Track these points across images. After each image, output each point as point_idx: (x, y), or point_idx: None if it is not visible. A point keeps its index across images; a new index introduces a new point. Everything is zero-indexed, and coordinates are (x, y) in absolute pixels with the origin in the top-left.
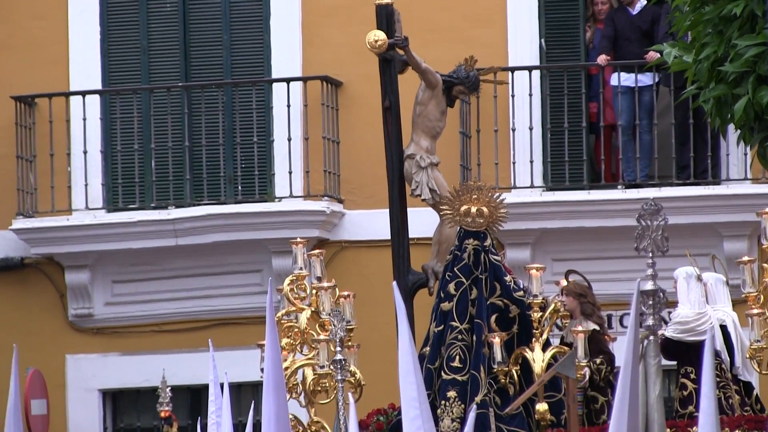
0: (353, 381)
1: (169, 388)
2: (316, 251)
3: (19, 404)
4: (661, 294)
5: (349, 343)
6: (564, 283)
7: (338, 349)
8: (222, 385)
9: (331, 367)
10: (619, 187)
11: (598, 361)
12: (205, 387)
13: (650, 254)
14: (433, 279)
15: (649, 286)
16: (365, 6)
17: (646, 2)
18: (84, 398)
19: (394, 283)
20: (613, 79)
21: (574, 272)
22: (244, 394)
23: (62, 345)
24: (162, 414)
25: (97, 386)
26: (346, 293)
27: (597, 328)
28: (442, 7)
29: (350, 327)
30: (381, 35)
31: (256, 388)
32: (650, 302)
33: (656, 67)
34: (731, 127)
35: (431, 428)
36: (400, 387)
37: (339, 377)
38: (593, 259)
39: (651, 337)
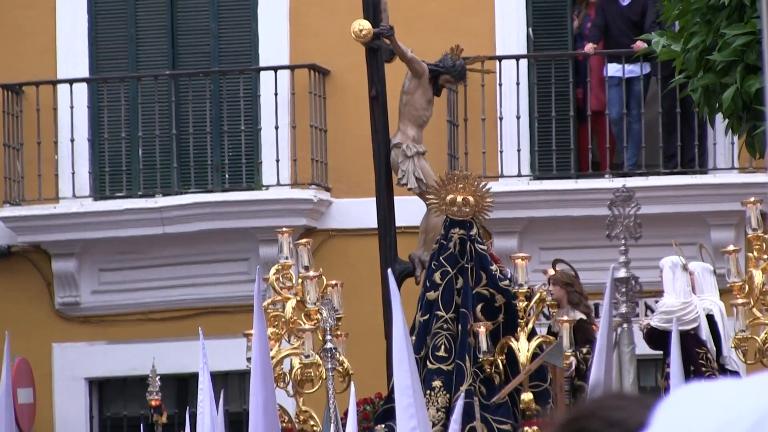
0: (341, 370)
1: (158, 376)
2: (304, 240)
3: (11, 391)
4: (634, 281)
5: (338, 332)
6: (551, 272)
7: (328, 338)
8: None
9: (320, 356)
10: (607, 176)
11: (584, 350)
12: (192, 376)
13: (623, 241)
14: (419, 268)
15: (622, 273)
16: None
17: None
18: (70, 387)
19: (389, 270)
20: (606, 71)
21: (561, 261)
22: (231, 383)
23: (49, 333)
24: (152, 403)
25: (83, 375)
26: (333, 282)
27: (584, 317)
28: None
29: (338, 316)
30: (366, 24)
31: (242, 377)
32: (623, 289)
33: (644, 56)
34: (719, 116)
35: (424, 416)
36: (394, 374)
37: (329, 366)
38: (580, 248)
39: (624, 325)
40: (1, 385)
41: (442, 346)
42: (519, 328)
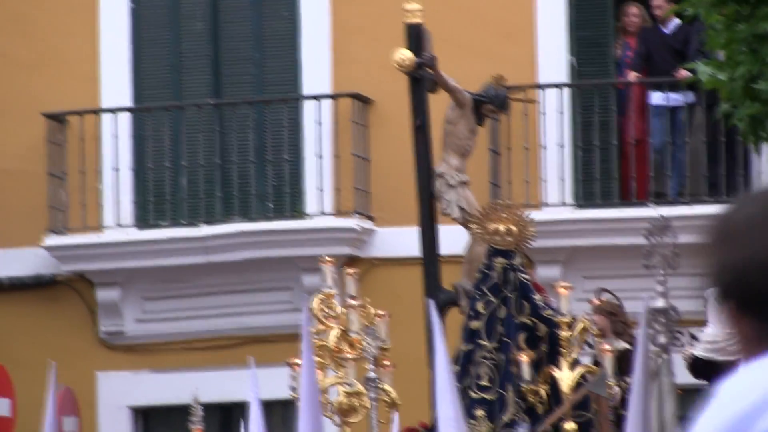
0: (388, 400)
1: (201, 406)
2: (351, 269)
3: (56, 421)
4: (673, 311)
5: (385, 362)
6: (595, 301)
7: (371, 367)
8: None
9: (364, 385)
10: (650, 205)
11: (628, 380)
12: (236, 405)
13: (660, 271)
14: (463, 297)
15: (660, 303)
16: (395, 24)
17: (679, 21)
18: (115, 416)
19: (430, 300)
20: (649, 99)
21: (605, 291)
22: (274, 412)
23: (93, 362)
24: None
25: (127, 403)
26: (381, 312)
27: (628, 347)
28: (471, 24)
29: (385, 347)
30: (408, 54)
31: (285, 406)
32: (662, 320)
33: (688, 85)
34: (765, 144)
35: None
36: (437, 406)
37: (372, 395)
38: (624, 277)
39: (664, 355)
40: (47, 414)
41: (485, 376)
42: (562, 358)
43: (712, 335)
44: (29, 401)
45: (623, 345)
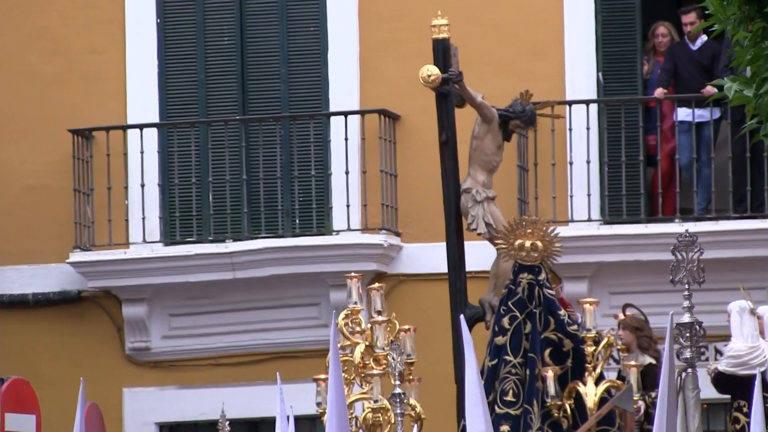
0: (414, 415)
1: (228, 421)
2: (377, 285)
3: None
4: (698, 326)
5: (410, 377)
6: (621, 316)
7: (397, 382)
8: (288, 418)
9: (389, 401)
10: (677, 220)
11: (653, 394)
12: (263, 420)
13: (686, 286)
14: (489, 313)
15: (686, 318)
16: (423, 40)
17: (706, 38)
18: None
19: (461, 315)
20: (677, 115)
21: (631, 306)
22: (301, 428)
23: (119, 378)
24: None
25: (154, 420)
26: (406, 327)
27: (654, 362)
28: (499, 40)
29: (410, 361)
30: (434, 70)
31: (312, 422)
32: (687, 335)
33: (715, 101)
34: None
35: None
36: (467, 419)
37: (398, 411)
38: (650, 292)
39: (689, 370)
40: (75, 430)
41: (510, 391)
42: (587, 373)
43: (736, 350)
44: (55, 417)
45: (648, 360)
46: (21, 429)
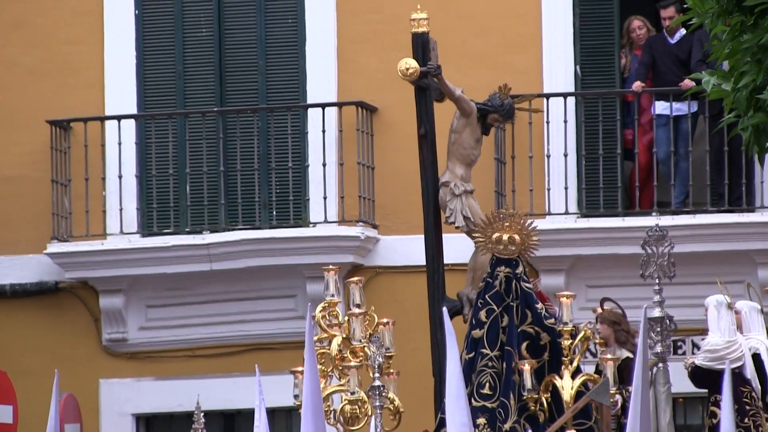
0: (392, 408)
1: (203, 413)
2: (356, 278)
3: (59, 428)
4: (668, 321)
5: (389, 370)
6: (599, 310)
7: (376, 375)
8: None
9: (368, 393)
10: (654, 214)
11: (630, 388)
12: (239, 412)
13: (657, 281)
14: (467, 306)
15: (656, 313)
16: (401, 32)
17: (685, 31)
18: (118, 423)
19: (444, 308)
20: (654, 108)
21: (608, 300)
22: (278, 420)
23: (96, 369)
24: None
25: (130, 411)
26: (385, 320)
27: (631, 356)
28: (477, 33)
29: (389, 354)
30: (412, 63)
31: (289, 413)
32: (658, 329)
33: (692, 95)
34: None
35: None
36: (448, 412)
37: (377, 404)
38: (628, 286)
39: (660, 364)
40: (50, 421)
41: (487, 384)
42: (563, 366)
43: (712, 344)
44: (31, 408)
45: (626, 354)
46: None
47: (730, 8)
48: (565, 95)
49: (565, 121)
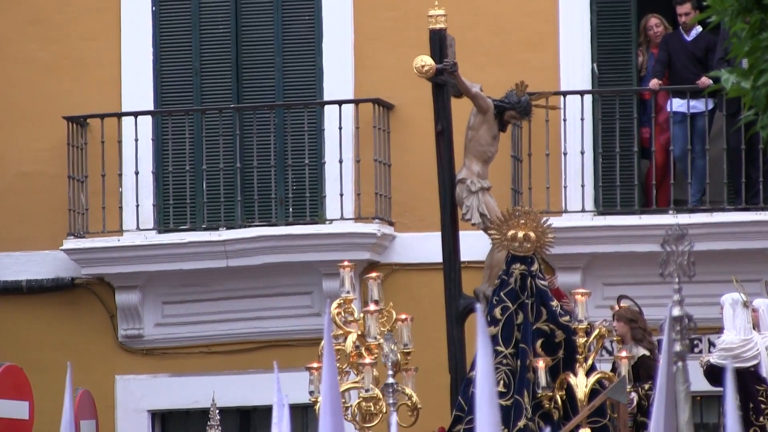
0: (410, 404)
1: (218, 409)
2: (374, 274)
3: (74, 424)
4: (688, 320)
5: (408, 367)
6: (616, 308)
7: (390, 372)
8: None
9: (382, 390)
10: (671, 212)
11: (646, 386)
12: (254, 409)
13: (676, 280)
14: (484, 303)
15: (676, 312)
16: (418, 29)
17: (701, 29)
18: (133, 419)
19: (478, 306)
20: (671, 105)
21: (625, 297)
22: (293, 417)
23: (112, 366)
24: None
25: (146, 407)
26: (403, 317)
27: (647, 353)
28: (494, 30)
29: (407, 350)
30: (428, 60)
31: (304, 410)
32: (677, 328)
33: (710, 93)
34: None
35: None
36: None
37: (391, 401)
38: (644, 284)
39: (679, 363)
40: (65, 417)
41: (501, 381)
42: (578, 364)
43: (728, 342)
44: (48, 404)
45: (642, 351)
46: (14, 415)
47: (750, 6)
48: (582, 93)
49: (582, 119)
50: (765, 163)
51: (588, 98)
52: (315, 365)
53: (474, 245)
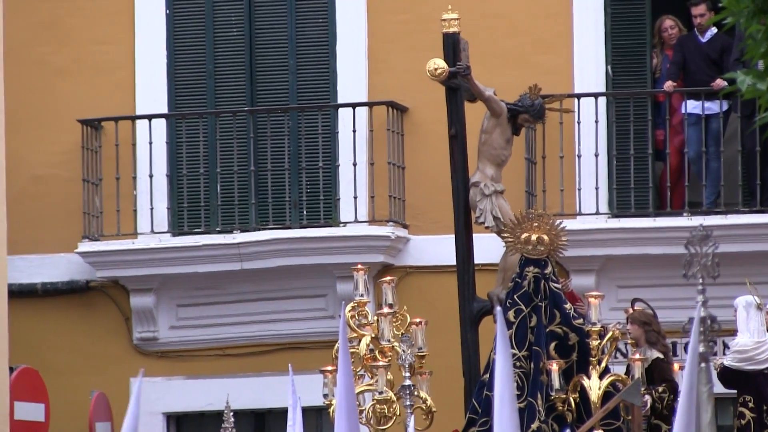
0: (424, 407)
1: (233, 412)
2: (388, 278)
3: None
4: (711, 321)
5: (422, 370)
6: (630, 311)
7: (406, 374)
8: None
9: (398, 393)
10: (685, 214)
11: (660, 389)
12: (269, 411)
13: (700, 281)
14: (498, 306)
15: (701, 313)
16: (432, 32)
17: (716, 30)
18: (148, 422)
19: (498, 309)
20: (686, 107)
21: (639, 300)
22: (307, 419)
23: (127, 368)
24: None
25: (161, 410)
26: (418, 320)
27: (661, 356)
28: (508, 33)
29: (422, 354)
30: (441, 63)
31: (319, 413)
32: (701, 329)
33: (725, 94)
34: None
35: None
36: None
37: (408, 403)
38: (659, 286)
39: (702, 364)
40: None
41: (515, 384)
42: (591, 367)
43: (741, 345)
44: (63, 406)
45: (656, 354)
46: (30, 417)
47: (765, 7)
48: (596, 95)
49: (596, 121)
50: None
51: (602, 100)
52: (329, 368)
53: (488, 248)
